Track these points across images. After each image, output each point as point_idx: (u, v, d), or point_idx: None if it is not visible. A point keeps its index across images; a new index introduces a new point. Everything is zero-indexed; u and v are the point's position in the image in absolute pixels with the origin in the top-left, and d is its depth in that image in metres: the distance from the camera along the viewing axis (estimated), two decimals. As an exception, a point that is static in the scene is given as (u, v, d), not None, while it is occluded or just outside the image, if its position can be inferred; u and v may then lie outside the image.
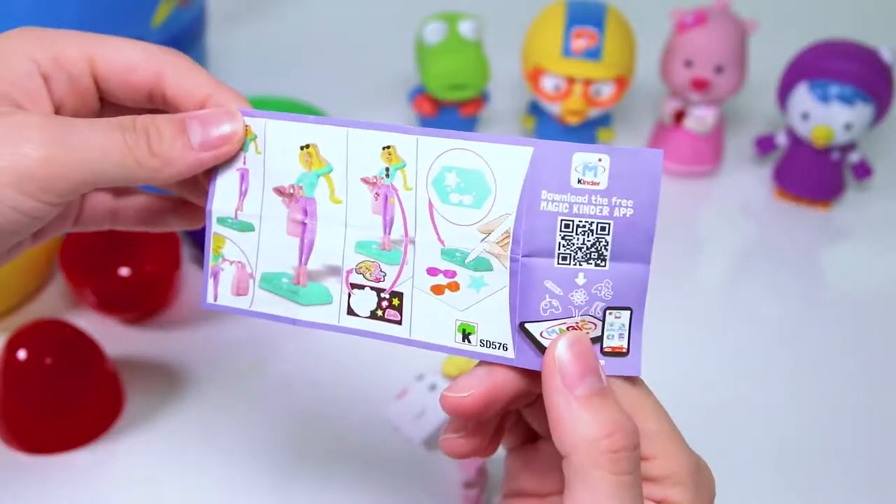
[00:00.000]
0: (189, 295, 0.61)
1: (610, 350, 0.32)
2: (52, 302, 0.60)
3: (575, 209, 0.31)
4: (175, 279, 0.59)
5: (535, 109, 0.71)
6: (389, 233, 0.33)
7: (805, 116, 0.65)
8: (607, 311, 0.32)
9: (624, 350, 0.32)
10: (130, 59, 0.34)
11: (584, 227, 0.31)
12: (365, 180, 0.33)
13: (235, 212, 0.35)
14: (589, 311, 0.32)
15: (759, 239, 0.68)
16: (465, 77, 0.67)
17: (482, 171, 0.32)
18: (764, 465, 0.48)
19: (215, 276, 0.35)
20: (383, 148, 0.33)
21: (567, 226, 0.31)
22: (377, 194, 0.33)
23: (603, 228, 0.31)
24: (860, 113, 0.64)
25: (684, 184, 0.72)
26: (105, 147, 0.32)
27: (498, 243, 0.32)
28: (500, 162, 0.31)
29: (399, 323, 0.33)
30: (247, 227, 0.35)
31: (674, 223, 0.69)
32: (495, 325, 0.32)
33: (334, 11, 0.90)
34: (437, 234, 0.32)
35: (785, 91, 0.67)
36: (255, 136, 0.34)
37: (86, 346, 0.52)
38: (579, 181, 0.31)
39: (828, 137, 0.65)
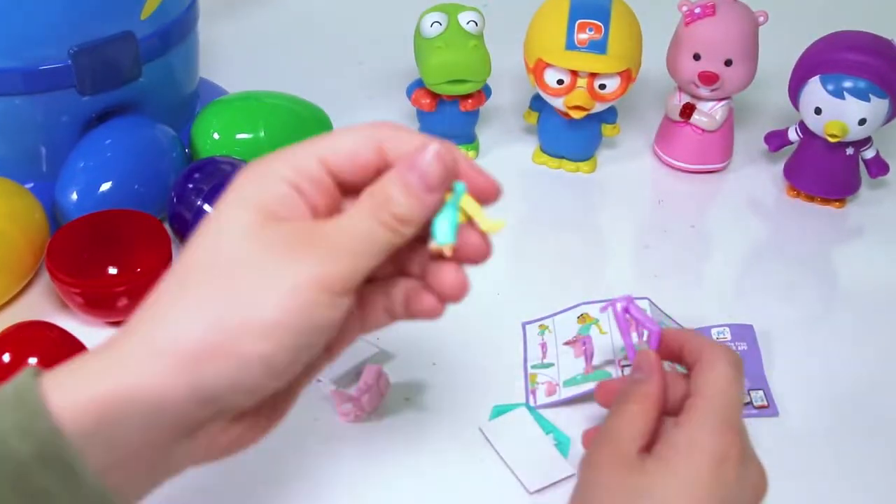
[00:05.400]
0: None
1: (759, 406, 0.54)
2: (38, 303, 0.59)
3: None
4: (165, 280, 0.57)
5: (537, 104, 0.70)
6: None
7: (818, 111, 0.64)
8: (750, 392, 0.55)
9: (766, 405, 0.54)
10: (351, 146, 0.39)
11: None
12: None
13: (541, 360, 0.56)
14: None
15: (770, 238, 0.68)
16: (464, 71, 0.66)
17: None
18: (775, 466, 0.48)
19: (533, 393, 0.54)
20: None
21: None
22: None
23: None
24: (875, 108, 0.62)
25: (693, 181, 0.71)
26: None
27: None
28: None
29: None
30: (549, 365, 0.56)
31: (682, 221, 0.68)
32: None
33: (329, 2, 0.89)
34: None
35: (797, 85, 0.66)
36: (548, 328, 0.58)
37: (73, 349, 0.51)
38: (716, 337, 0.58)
39: (842, 131, 0.63)
